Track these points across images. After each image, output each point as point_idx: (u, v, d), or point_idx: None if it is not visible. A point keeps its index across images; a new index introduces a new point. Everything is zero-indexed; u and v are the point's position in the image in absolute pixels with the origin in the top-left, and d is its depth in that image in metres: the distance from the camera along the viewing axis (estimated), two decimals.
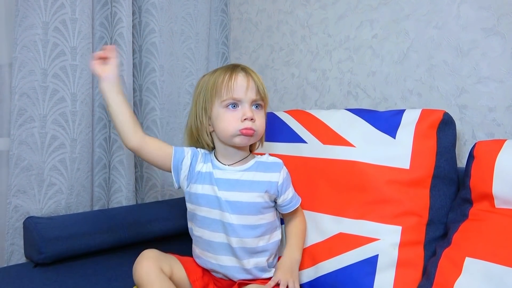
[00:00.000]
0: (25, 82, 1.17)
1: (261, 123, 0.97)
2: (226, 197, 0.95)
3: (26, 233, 1.15)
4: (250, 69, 0.99)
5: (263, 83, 0.98)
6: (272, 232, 0.99)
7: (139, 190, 1.47)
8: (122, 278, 1.05)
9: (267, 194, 0.97)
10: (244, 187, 0.96)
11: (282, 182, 0.99)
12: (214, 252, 0.97)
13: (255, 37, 1.61)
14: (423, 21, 1.18)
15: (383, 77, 1.27)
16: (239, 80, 0.95)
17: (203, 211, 0.97)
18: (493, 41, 1.07)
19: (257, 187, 0.96)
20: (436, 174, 0.97)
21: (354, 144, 1.03)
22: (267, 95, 0.99)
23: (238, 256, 0.95)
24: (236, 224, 0.94)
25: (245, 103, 0.95)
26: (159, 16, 1.43)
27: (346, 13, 1.35)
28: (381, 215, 0.96)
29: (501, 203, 0.86)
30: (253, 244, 0.95)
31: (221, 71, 0.98)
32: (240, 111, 0.94)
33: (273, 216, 1.00)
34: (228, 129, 0.95)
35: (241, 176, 0.97)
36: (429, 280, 0.86)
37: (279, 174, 0.99)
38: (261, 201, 0.96)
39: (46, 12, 1.19)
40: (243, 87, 0.94)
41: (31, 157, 1.19)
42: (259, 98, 0.96)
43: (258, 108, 0.97)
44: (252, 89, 0.95)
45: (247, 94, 0.94)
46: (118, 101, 0.98)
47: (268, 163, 1.01)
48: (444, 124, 0.99)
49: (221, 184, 0.96)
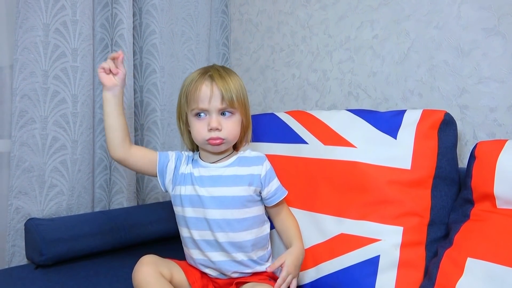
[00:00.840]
0: (26, 84, 1.18)
1: (230, 130, 0.96)
2: (210, 193, 0.96)
3: (27, 235, 1.15)
4: (222, 73, 0.97)
5: (236, 88, 0.96)
6: (260, 226, 1.00)
7: (140, 191, 1.47)
8: (124, 279, 1.05)
9: (251, 188, 0.98)
10: (227, 182, 0.97)
11: (265, 175, 0.99)
12: (203, 249, 0.97)
13: (256, 38, 1.61)
14: (423, 21, 1.18)
15: (384, 77, 1.27)
16: (203, 89, 0.94)
17: (187, 212, 0.98)
18: (494, 41, 1.07)
19: (240, 181, 0.97)
20: (437, 175, 0.97)
21: (355, 145, 1.03)
22: (241, 100, 0.97)
23: (227, 251, 0.96)
24: (221, 219, 0.95)
25: (212, 112, 0.95)
26: (160, 17, 1.43)
27: (347, 14, 1.35)
28: (383, 216, 0.96)
29: (502, 203, 0.86)
30: (240, 238, 0.96)
31: (194, 76, 0.98)
32: (207, 120, 0.95)
33: (260, 210, 1.01)
34: (197, 137, 0.97)
35: (224, 171, 0.99)
36: (431, 281, 0.86)
37: (262, 166, 1.00)
38: (245, 195, 0.97)
39: (47, 14, 1.19)
40: (206, 97, 0.94)
41: (32, 159, 1.19)
42: (226, 105, 0.95)
43: (226, 115, 0.96)
44: (217, 98, 0.94)
45: (211, 104, 0.94)
46: (116, 113, 0.98)
47: (250, 158, 1.02)
48: (445, 124, 0.99)
49: (204, 181, 0.98)
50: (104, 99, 0.98)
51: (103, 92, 0.98)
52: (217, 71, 0.97)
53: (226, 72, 0.98)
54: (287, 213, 1.06)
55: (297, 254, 0.97)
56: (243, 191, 0.97)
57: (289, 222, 1.05)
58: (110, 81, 0.97)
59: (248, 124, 1.03)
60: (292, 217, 1.07)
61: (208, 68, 0.99)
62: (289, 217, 1.06)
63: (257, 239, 0.98)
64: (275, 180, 1.02)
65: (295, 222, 1.06)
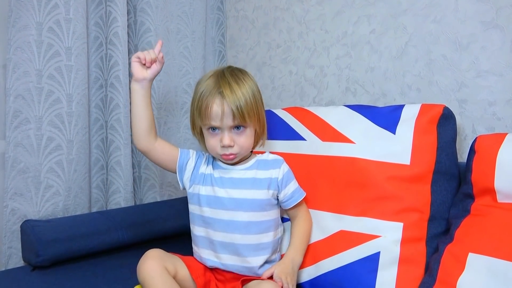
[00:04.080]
0: (20, 84, 1.16)
1: (243, 144, 0.96)
2: (230, 195, 0.97)
3: (23, 236, 1.14)
4: (232, 87, 0.93)
5: (247, 100, 0.93)
6: (276, 229, 1.01)
7: (137, 190, 1.46)
8: (122, 279, 1.04)
9: (270, 191, 0.98)
10: (248, 184, 0.98)
11: (282, 178, 1.00)
12: (216, 250, 0.98)
13: (252, 35, 1.60)
14: (421, 15, 1.17)
15: (382, 72, 1.26)
16: (214, 107, 0.92)
17: (205, 211, 0.98)
18: (492, 34, 1.06)
19: (260, 184, 0.98)
20: (437, 170, 0.96)
21: (354, 141, 1.02)
22: (253, 112, 0.94)
23: (241, 254, 0.96)
24: (240, 221, 0.96)
25: (224, 129, 0.94)
26: (155, 15, 1.42)
27: (343, 9, 1.34)
28: (382, 212, 0.95)
29: (503, 197, 0.85)
30: (257, 240, 0.96)
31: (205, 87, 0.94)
32: (220, 136, 0.95)
33: (277, 213, 1.02)
34: (211, 151, 0.99)
35: (244, 174, 0.99)
36: (432, 277, 0.85)
37: (279, 170, 1.00)
38: (264, 198, 0.98)
39: (40, 13, 1.17)
40: (218, 115, 0.92)
41: (28, 159, 1.18)
42: (238, 122, 0.93)
43: (240, 129, 0.95)
44: (228, 116, 0.92)
45: (223, 122, 0.93)
46: (142, 104, 0.99)
47: (269, 161, 1.02)
48: (444, 118, 0.98)
49: (224, 182, 0.99)
50: (132, 89, 0.99)
51: (132, 82, 0.99)
52: (228, 85, 0.93)
53: (237, 83, 0.94)
54: (301, 217, 1.04)
55: (286, 263, 0.96)
56: (263, 194, 0.97)
57: (297, 228, 1.03)
58: (141, 73, 0.98)
59: (263, 129, 1.01)
60: (303, 223, 1.03)
61: (219, 79, 0.95)
62: (301, 222, 1.04)
63: (272, 242, 0.98)
64: (293, 182, 1.02)
65: (303, 228, 1.03)
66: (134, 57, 0.98)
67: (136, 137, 1.00)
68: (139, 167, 1.45)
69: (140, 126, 0.99)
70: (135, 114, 0.99)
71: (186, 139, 1.54)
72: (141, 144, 1.00)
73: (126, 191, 1.36)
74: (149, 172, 1.45)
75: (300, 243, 1.02)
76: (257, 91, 0.98)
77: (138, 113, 0.99)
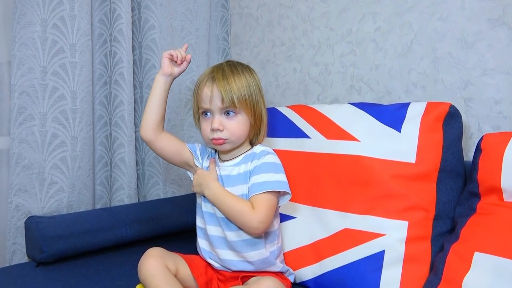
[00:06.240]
0: (25, 80, 1.16)
1: (233, 130, 0.96)
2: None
3: (27, 232, 1.14)
4: (225, 73, 0.95)
5: (239, 88, 0.94)
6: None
7: (141, 187, 1.46)
8: (125, 276, 1.04)
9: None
10: (233, 181, 0.98)
11: (253, 169, 0.96)
12: (213, 245, 0.98)
13: (256, 32, 1.60)
14: (427, 12, 1.16)
15: (387, 70, 1.25)
16: (204, 90, 0.96)
17: (204, 206, 1.00)
18: (499, 32, 1.05)
19: (243, 178, 0.97)
20: (443, 168, 0.95)
21: (359, 139, 1.02)
22: (245, 100, 0.95)
23: (237, 250, 0.95)
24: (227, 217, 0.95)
25: (214, 112, 0.96)
26: (159, 12, 1.42)
27: (348, 6, 1.33)
28: (387, 210, 0.95)
29: (509, 196, 0.84)
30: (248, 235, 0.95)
31: (202, 75, 1.01)
32: (211, 120, 0.97)
33: None
34: (203, 136, 1.01)
35: (231, 171, 0.99)
36: (437, 276, 0.84)
37: (257, 161, 0.97)
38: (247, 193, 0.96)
39: (44, 9, 1.17)
40: (207, 97, 0.96)
41: (32, 156, 1.18)
42: (227, 105, 0.94)
43: (231, 114, 0.96)
44: (217, 98, 0.95)
45: (212, 103, 0.95)
46: (162, 97, 1.01)
47: (254, 154, 1.00)
48: (450, 117, 0.97)
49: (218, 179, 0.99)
50: (156, 80, 1.02)
51: (158, 74, 1.02)
52: (221, 71, 0.97)
53: (231, 71, 0.97)
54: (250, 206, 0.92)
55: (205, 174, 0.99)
56: (245, 189, 0.96)
57: (241, 200, 0.94)
58: (169, 68, 1.01)
59: (260, 122, 1.00)
60: (247, 204, 0.92)
61: (215, 67, 1.00)
62: (247, 203, 0.93)
63: (266, 234, 0.97)
64: (264, 175, 0.94)
65: (244, 202, 0.93)
66: (167, 53, 1.01)
67: (144, 126, 1.01)
68: (143, 164, 1.45)
69: (151, 117, 1.00)
70: (151, 105, 1.00)
71: (190, 136, 1.54)
72: (146, 134, 1.01)
73: (130, 188, 1.36)
74: (152, 169, 1.45)
75: (230, 196, 0.94)
76: (255, 84, 0.99)
77: (154, 104, 1.00)
